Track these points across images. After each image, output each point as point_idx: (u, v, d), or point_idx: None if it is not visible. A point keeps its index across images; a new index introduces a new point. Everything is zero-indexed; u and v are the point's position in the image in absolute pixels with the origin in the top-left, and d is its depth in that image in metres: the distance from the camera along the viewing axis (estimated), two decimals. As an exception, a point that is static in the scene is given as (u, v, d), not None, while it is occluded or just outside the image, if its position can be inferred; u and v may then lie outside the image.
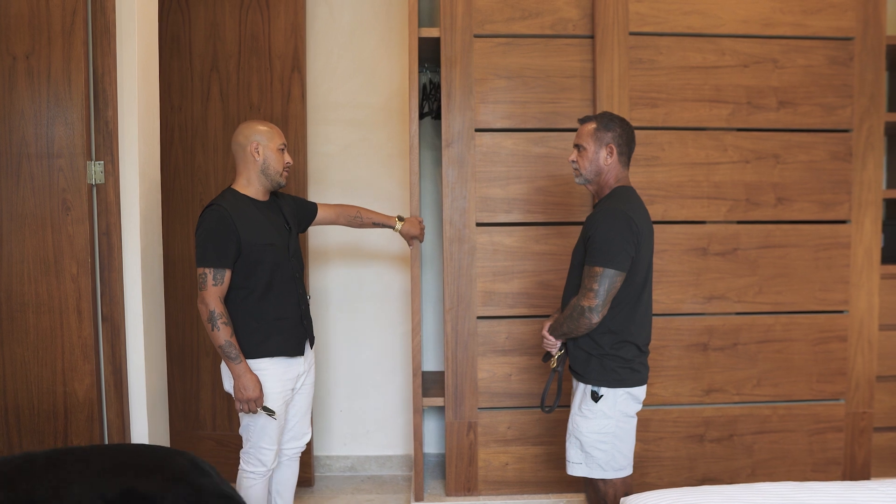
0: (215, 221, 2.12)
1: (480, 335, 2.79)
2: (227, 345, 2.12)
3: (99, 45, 2.21)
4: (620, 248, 1.98)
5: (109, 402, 2.28)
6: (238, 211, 2.16)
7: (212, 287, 2.11)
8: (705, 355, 2.79)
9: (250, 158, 2.22)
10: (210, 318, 2.11)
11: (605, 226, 2.00)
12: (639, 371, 2.12)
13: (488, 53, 2.74)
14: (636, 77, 2.73)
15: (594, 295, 1.99)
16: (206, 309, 2.11)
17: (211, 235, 2.11)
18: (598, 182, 2.15)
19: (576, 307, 2.03)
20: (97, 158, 2.24)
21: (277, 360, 2.22)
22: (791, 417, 2.83)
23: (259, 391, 2.15)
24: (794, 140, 2.78)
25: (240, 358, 2.13)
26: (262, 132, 2.23)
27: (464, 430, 2.81)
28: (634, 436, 2.17)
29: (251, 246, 2.15)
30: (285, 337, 2.24)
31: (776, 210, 2.79)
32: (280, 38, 3.07)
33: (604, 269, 1.98)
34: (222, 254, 2.11)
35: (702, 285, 2.78)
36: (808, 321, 2.82)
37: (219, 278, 2.12)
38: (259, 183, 2.25)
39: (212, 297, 2.11)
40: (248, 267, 2.16)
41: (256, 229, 2.18)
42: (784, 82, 2.76)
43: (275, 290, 2.22)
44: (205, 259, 2.11)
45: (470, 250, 2.76)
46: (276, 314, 2.22)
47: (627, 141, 2.12)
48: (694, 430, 2.81)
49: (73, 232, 2.21)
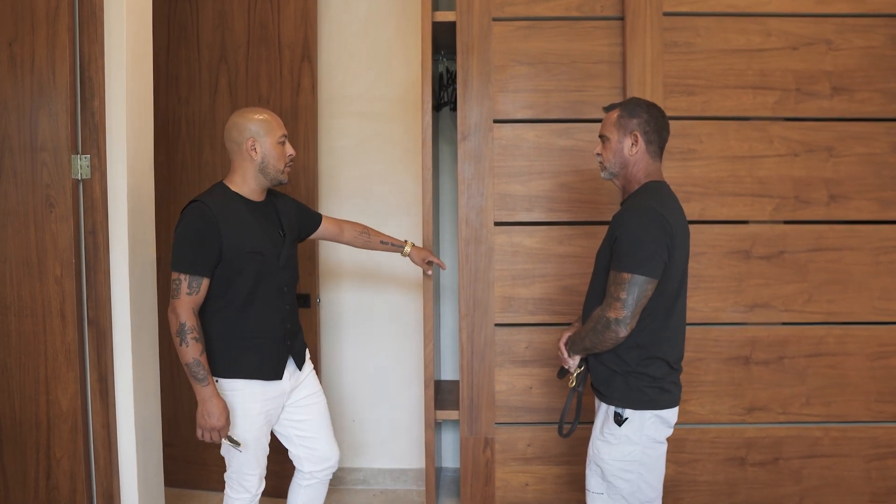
0: (197, 222, 1.91)
1: (498, 344, 2.58)
2: (195, 364, 1.89)
3: (85, 32, 2.08)
4: (652, 252, 1.75)
5: (95, 411, 2.14)
6: (225, 212, 1.95)
7: (185, 296, 1.89)
8: (747, 369, 2.54)
9: (246, 156, 2.00)
10: (179, 331, 1.88)
11: (635, 226, 1.78)
12: (669, 391, 1.88)
13: (508, 38, 2.54)
14: (671, 62, 2.50)
15: (622, 305, 1.75)
16: (175, 320, 1.89)
17: (190, 237, 1.91)
18: (624, 176, 1.92)
19: (600, 319, 1.80)
20: (83, 152, 2.11)
21: (252, 382, 2.01)
22: (845, 440, 2.55)
23: (225, 420, 1.92)
24: (851, 130, 2.51)
25: (207, 380, 1.91)
26: (258, 123, 2.00)
27: (480, 446, 2.60)
28: (664, 464, 1.93)
29: (234, 253, 1.94)
30: (263, 358, 2.02)
31: (829, 209, 2.53)
32: (290, 26, 2.91)
33: (633, 276, 1.74)
34: (201, 260, 1.91)
35: (744, 292, 2.53)
36: (865, 333, 2.54)
37: (194, 286, 1.90)
38: (256, 182, 2.03)
39: (184, 308, 1.89)
40: (228, 276, 1.95)
41: (243, 234, 1.96)
42: (839, 66, 2.49)
43: (257, 303, 2.00)
44: (180, 263, 1.90)
45: (487, 252, 2.56)
46: (255, 331, 2.00)
47: (657, 128, 1.88)
48: (734, 452, 2.56)
49: (57, 230, 2.08)
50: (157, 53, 3.04)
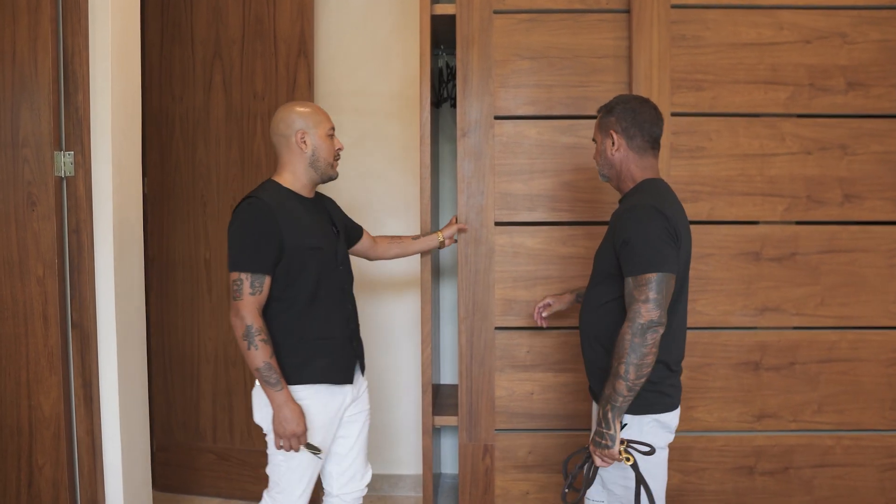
0: (254, 217, 1.80)
1: (499, 348, 2.50)
2: (266, 367, 1.78)
3: (69, 23, 2.01)
4: (663, 248, 1.68)
5: (79, 417, 2.07)
6: (281, 206, 1.85)
7: (248, 296, 1.77)
8: (756, 375, 2.46)
9: (296, 150, 1.91)
10: (246, 334, 1.77)
11: (642, 227, 1.70)
12: (669, 395, 1.80)
13: (510, 31, 2.45)
14: (679, 56, 2.41)
15: (653, 305, 1.64)
16: (241, 323, 1.77)
17: (249, 234, 1.79)
18: (616, 177, 1.87)
19: (634, 334, 1.64)
20: (66, 148, 2.04)
21: (321, 387, 1.90)
22: (858, 449, 2.47)
23: (304, 425, 1.82)
24: (866, 127, 2.42)
25: (281, 384, 1.79)
26: (306, 117, 1.92)
27: (479, 453, 2.52)
28: (666, 471, 1.85)
29: (295, 248, 1.83)
30: (331, 360, 1.91)
31: (843, 209, 2.44)
32: (286, 20, 2.83)
33: (654, 275, 1.66)
34: (262, 257, 1.79)
35: (753, 295, 2.44)
36: (880, 338, 2.46)
37: (257, 286, 1.79)
38: (307, 177, 1.94)
39: (248, 309, 1.77)
40: (290, 274, 1.84)
41: (301, 229, 1.86)
42: (854, 60, 2.40)
43: (320, 303, 1.90)
44: (240, 262, 1.79)
45: (488, 253, 2.48)
46: (320, 332, 1.90)
47: (636, 122, 1.80)
48: (743, 460, 2.48)
49: (40, 229, 2.01)
50: (151, 50, 2.98)
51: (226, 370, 2.95)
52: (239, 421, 2.95)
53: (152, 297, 3.03)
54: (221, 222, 2.92)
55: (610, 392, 1.66)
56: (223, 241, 2.92)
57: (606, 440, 1.67)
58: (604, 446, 1.68)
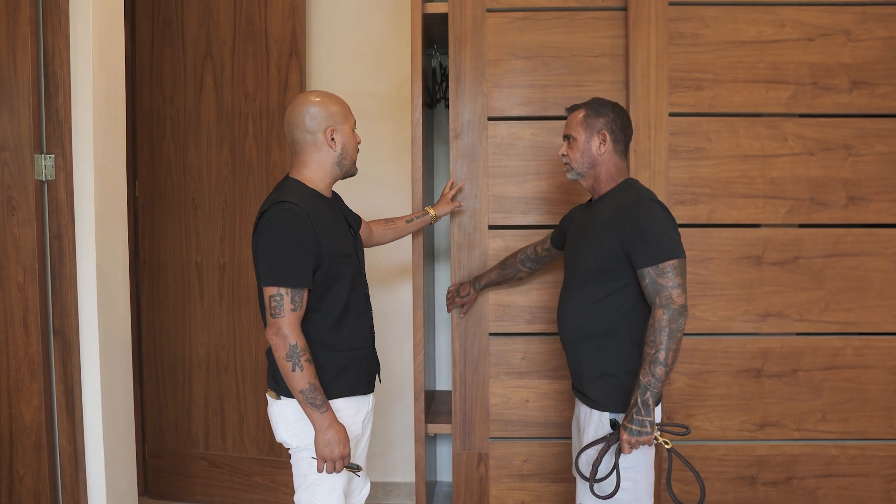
0: (291, 226, 1.65)
1: (493, 354, 2.45)
2: (311, 389, 1.66)
3: (49, 23, 1.97)
4: (676, 234, 1.77)
5: (61, 426, 2.03)
6: (313, 211, 1.71)
7: (290, 312, 1.64)
8: (758, 383, 2.40)
9: (324, 147, 1.77)
10: (290, 355, 1.64)
11: (652, 219, 1.76)
12: None
13: (503, 30, 2.40)
14: (677, 54, 2.35)
15: (682, 289, 1.72)
16: (283, 343, 1.64)
17: (286, 245, 1.65)
18: (593, 175, 1.90)
19: (671, 319, 1.69)
20: (47, 151, 2.00)
21: (350, 399, 1.81)
22: (864, 459, 2.41)
23: (349, 446, 1.72)
24: (871, 127, 2.36)
25: (326, 405, 1.68)
26: (335, 113, 1.78)
27: (473, 461, 2.47)
28: (653, 468, 1.85)
29: (331, 256, 1.71)
30: (358, 371, 1.83)
31: (847, 211, 2.38)
32: (277, 20, 2.79)
33: (676, 261, 1.73)
34: (301, 269, 1.66)
35: (755, 300, 2.38)
36: (886, 345, 2.39)
37: (297, 301, 1.66)
38: (332, 176, 1.81)
39: (291, 327, 1.65)
40: (325, 284, 1.73)
41: (334, 235, 1.74)
42: (859, 58, 2.34)
43: (351, 313, 1.79)
44: (278, 276, 1.64)
45: (481, 257, 2.43)
46: (351, 343, 1.80)
47: (622, 127, 1.88)
48: (744, 470, 2.42)
49: (20, 234, 1.96)
50: (142, 50, 2.94)
51: (217, 375, 2.91)
52: (231, 427, 2.91)
53: (144, 301, 2.99)
54: (212, 225, 2.88)
55: (648, 379, 1.69)
56: (214, 245, 2.89)
57: (646, 427, 1.69)
58: (643, 433, 1.69)
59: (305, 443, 1.75)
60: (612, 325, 1.81)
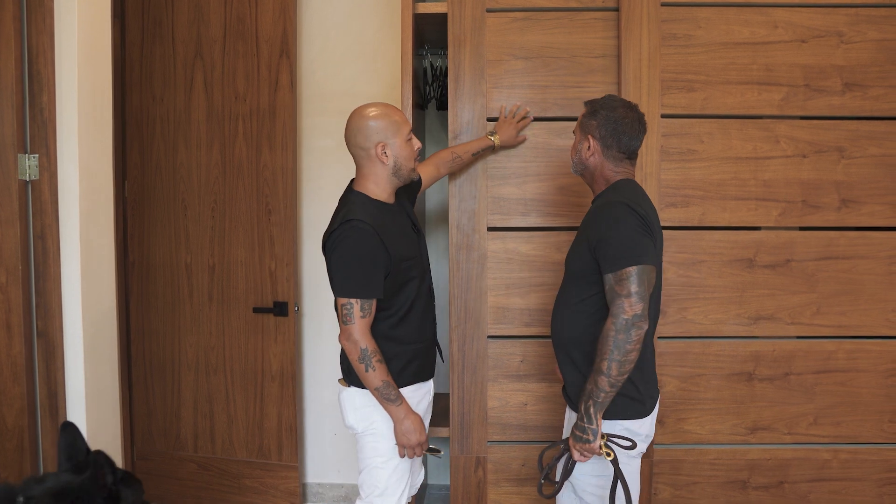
0: (361, 244, 1.79)
1: (491, 357, 2.44)
2: (385, 385, 1.84)
3: (33, 21, 1.95)
4: (640, 240, 1.68)
5: (45, 430, 2.01)
6: (379, 224, 1.84)
7: (359, 320, 1.82)
8: (750, 386, 2.38)
9: (377, 161, 1.88)
10: (362, 358, 1.82)
11: (616, 224, 1.69)
12: (639, 401, 1.77)
13: (503, 30, 2.38)
14: (669, 56, 2.34)
15: (636, 298, 1.63)
16: (355, 348, 1.82)
17: (356, 261, 1.80)
18: (590, 177, 1.89)
19: (619, 330, 1.62)
20: (31, 151, 1.98)
21: (415, 386, 1.98)
22: (856, 463, 2.40)
23: (425, 432, 1.92)
24: (864, 129, 2.35)
25: (400, 398, 1.86)
26: (384, 129, 1.87)
27: (471, 465, 2.45)
28: (639, 481, 1.83)
29: (399, 263, 1.86)
30: (421, 361, 2.00)
31: (840, 214, 2.37)
32: (268, 20, 2.76)
33: (634, 268, 1.65)
34: (372, 282, 1.82)
35: (747, 303, 2.37)
36: (878, 348, 2.38)
37: (367, 309, 1.82)
38: (391, 186, 1.93)
39: (361, 333, 1.82)
40: (393, 287, 1.88)
41: (400, 244, 1.88)
42: (851, 60, 2.33)
43: (417, 309, 1.95)
44: (350, 289, 1.81)
45: (480, 259, 2.41)
46: (415, 336, 1.97)
47: (614, 133, 1.79)
48: (736, 474, 2.41)
49: (2, 235, 1.94)
50: (131, 49, 2.91)
51: (206, 377, 2.88)
52: (220, 430, 2.88)
53: (133, 303, 2.97)
54: (202, 226, 2.85)
55: (591, 388, 1.66)
56: (204, 245, 2.86)
57: (588, 434, 1.67)
58: (584, 440, 1.67)
59: (370, 428, 1.92)
60: (588, 330, 1.77)
